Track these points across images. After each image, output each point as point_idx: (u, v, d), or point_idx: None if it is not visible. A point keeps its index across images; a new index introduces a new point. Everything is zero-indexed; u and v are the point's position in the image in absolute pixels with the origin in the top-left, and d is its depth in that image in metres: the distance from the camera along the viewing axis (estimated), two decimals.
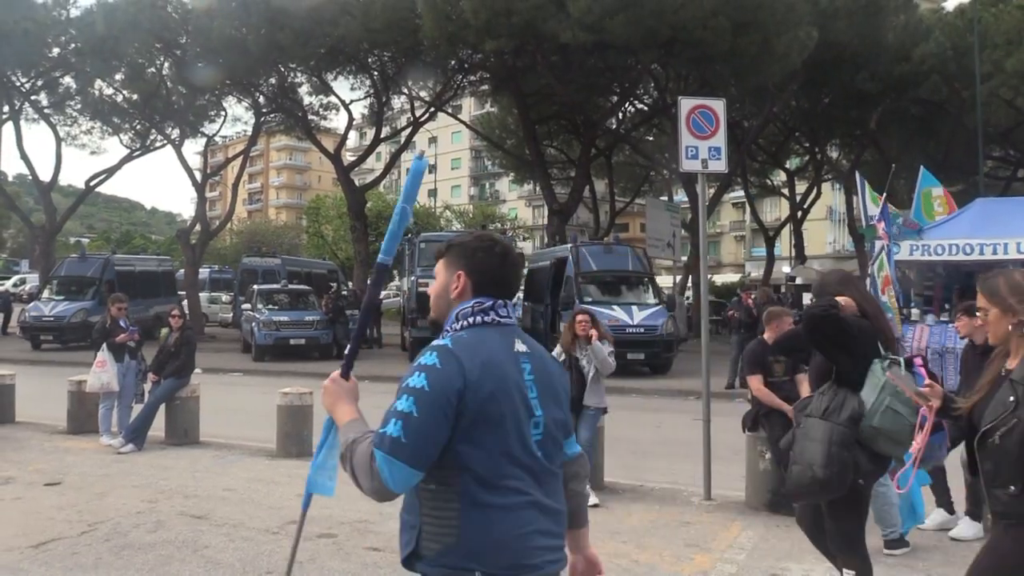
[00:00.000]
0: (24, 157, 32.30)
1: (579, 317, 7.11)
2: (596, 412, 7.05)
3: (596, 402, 7.00)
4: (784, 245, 42.54)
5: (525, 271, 25.29)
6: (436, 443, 2.00)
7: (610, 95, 29.41)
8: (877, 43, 23.55)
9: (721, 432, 7.48)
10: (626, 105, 30.08)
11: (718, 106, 7.29)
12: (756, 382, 6.55)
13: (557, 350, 7.18)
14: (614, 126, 31.27)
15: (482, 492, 2.03)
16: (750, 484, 6.76)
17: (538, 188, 53.69)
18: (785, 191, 37.61)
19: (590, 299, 17.58)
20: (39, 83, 30.41)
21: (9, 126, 30.48)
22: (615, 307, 16.71)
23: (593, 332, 6.97)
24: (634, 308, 17.36)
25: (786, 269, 37.66)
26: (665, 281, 31.47)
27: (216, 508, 6.52)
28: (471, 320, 2.16)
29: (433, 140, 63.59)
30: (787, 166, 36.77)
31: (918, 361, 3.66)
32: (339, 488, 2.20)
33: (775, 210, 51.85)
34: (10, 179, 41.23)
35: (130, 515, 6.24)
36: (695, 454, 8.73)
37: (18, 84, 29.79)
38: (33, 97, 30.89)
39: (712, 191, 28.49)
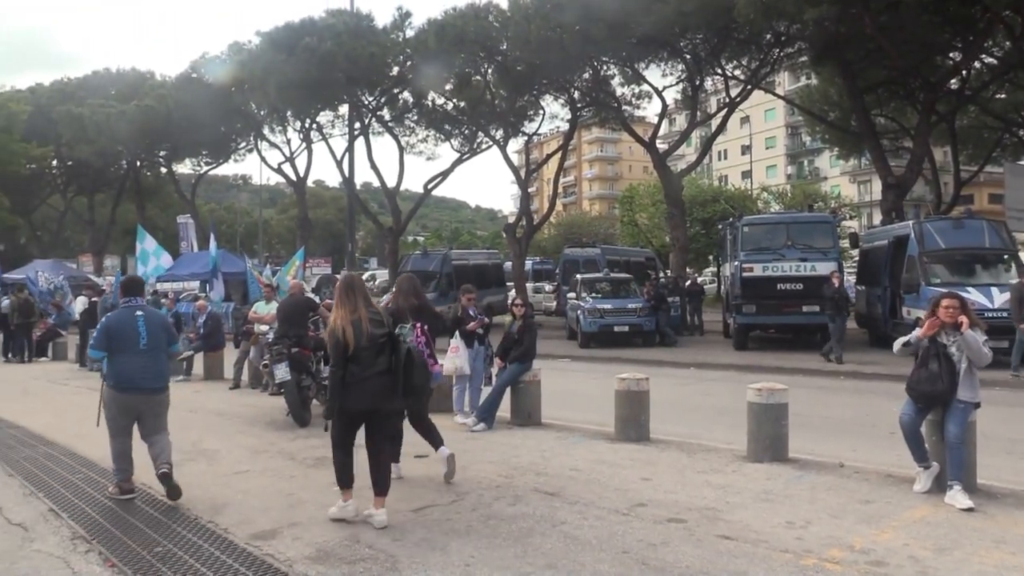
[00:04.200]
0: (373, 167, 36.64)
1: (945, 302, 6.38)
2: (967, 406, 6.30)
3: (970, 396, 6.27)
4: None
5: (856, 252, 23.55)
6: (105, 343, 6.64)
7: (951, 52, 26.32)
8: None
9: None
10: (971, 62, 26.70)
11: None
12: None
13: (913, 335, 6.53)
14: (957, 87, 27.92)
15: (117, 356, 6.62)
16: None
17: (863, 162, 49.89)
18: None
19: (938, 280, 15.91)
20: (382, 100, 34.21)
21: (360, 140, 34.52)
22: (970, 289, 14.88)
23: (963, 319, 6.25)
24: (994, 290, 15.41)
25: None
26: None
27: (566, 486, 6.79)
28: (121, 305, 7.01)
29: (746, 120, 61.39)
30: None
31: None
32: (684, 476, 2.16)
33: None
34: (358, 187, 46.68)
35: (490, 488, 6.73)
36: None
37: (366, 102, 33.69)
38: (378, 112, 34.78)
39: None
